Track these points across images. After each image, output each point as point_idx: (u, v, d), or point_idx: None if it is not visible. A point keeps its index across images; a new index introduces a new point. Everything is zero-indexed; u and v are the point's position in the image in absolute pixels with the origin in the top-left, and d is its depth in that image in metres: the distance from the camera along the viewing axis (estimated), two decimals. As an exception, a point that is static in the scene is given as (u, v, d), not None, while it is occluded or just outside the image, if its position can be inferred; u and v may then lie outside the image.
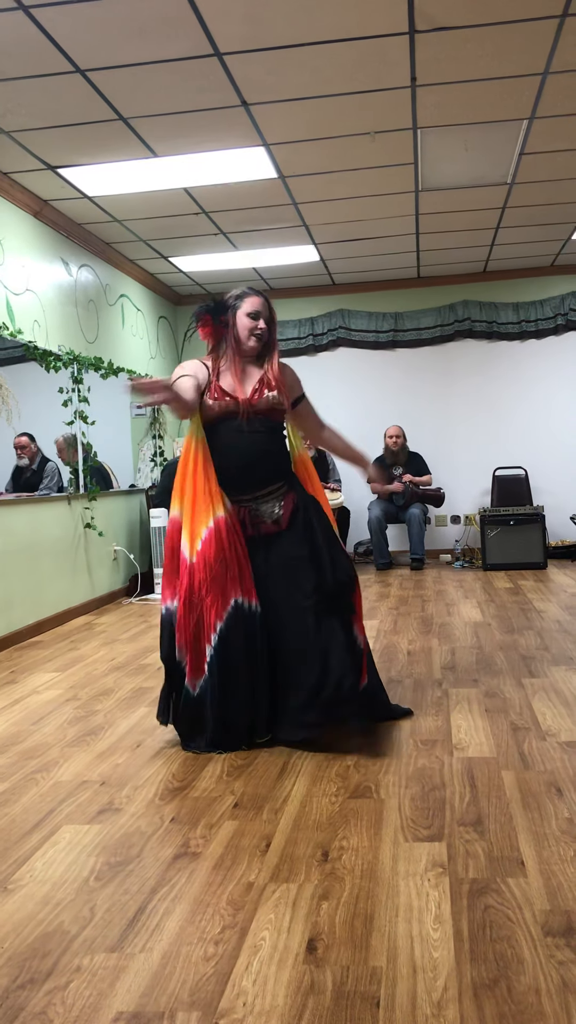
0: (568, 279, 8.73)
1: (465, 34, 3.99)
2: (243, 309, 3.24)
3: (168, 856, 2.23)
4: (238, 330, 3.24)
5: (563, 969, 1.65)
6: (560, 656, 4.25)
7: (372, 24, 3.87)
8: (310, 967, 1.70)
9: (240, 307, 3.24)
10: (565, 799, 2.46)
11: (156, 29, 3.83)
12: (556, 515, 8.59)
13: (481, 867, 2.07)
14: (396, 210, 6.56)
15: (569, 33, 4.01)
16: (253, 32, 3.89)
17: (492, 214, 6.77)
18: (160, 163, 5.34)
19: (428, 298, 8.93)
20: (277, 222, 6.71)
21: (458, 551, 8.55)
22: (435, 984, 1.62)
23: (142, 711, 3.61)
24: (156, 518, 7.15)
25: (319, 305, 9.05)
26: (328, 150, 5.29)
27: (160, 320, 8.64)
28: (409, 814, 2.41)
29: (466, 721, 3.25)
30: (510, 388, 8.86)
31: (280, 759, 2.92)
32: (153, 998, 1.62)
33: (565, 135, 5.23)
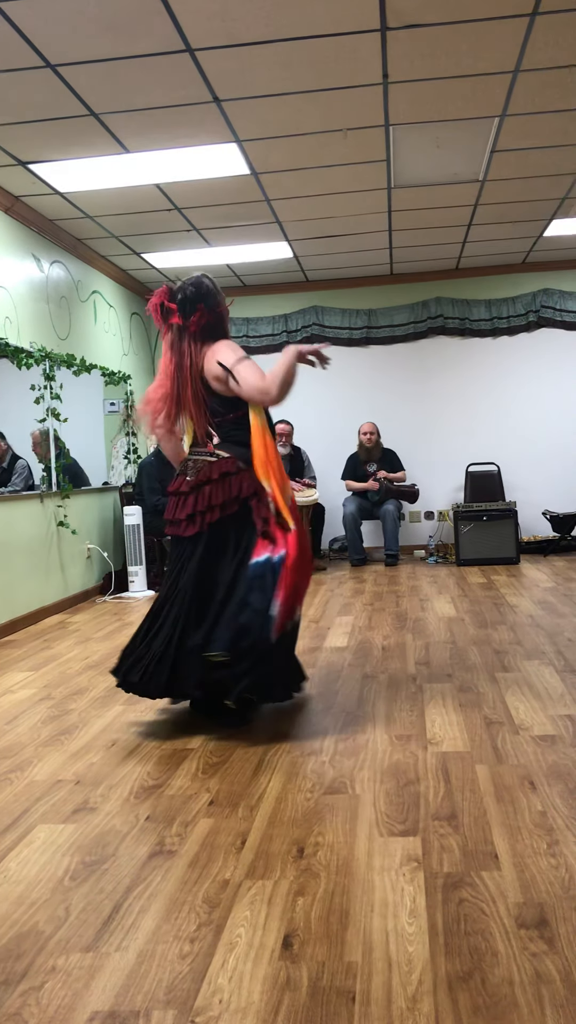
0: (540, 276, 8.79)
1: (436, 31, 4.00)
2: (222, 295, 3.43)
3: (143, 855, 2.22)
4: (227, 317, 3.40)
5: (536, 961, 1.66)
6: (533, 650, 4.28)
7: (344, 21, 3.87)
8: (286, 963, 1.70)
9: (220, 291, 3.42)
10: (538, 792, 2.48)
11: (127, 24, 3.81)
12: (528, 510, 8.65)
13: (455, 861, 2.08)
14: (369, 207, 6.57)
15: (539, 31, 4.03)
16: (225, 28, 3.88)
17: (464, 211, 6.80)
18: (132, 159, 5.32)
19: (401, 295, 8.96)
20: (250, 218, 6.70)
21: (432, 547, 8.59)
22: (410, 978, 1.63)
23: (116, 709, 3.60)
24: (130, 516, 7.12)
25: (293, 302, 9.05)
26: (301, 147, 5.29)
27: (133, 316, 8.61)
28: (384, 809, 2.42)
29: (440, 716, 3.27)
30: (483, 385, 8.91)
31: (255, 756, 2.93)
32: (129, 997, 1.62)
33: (536, 133, 5.26)
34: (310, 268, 8.43)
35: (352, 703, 3.52)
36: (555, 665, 3.96)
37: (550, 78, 4.52)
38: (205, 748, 3.04)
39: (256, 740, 3.10)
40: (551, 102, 4.81)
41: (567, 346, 8.79)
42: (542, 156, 5.66)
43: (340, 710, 3.42)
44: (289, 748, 2.99)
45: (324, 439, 8.87)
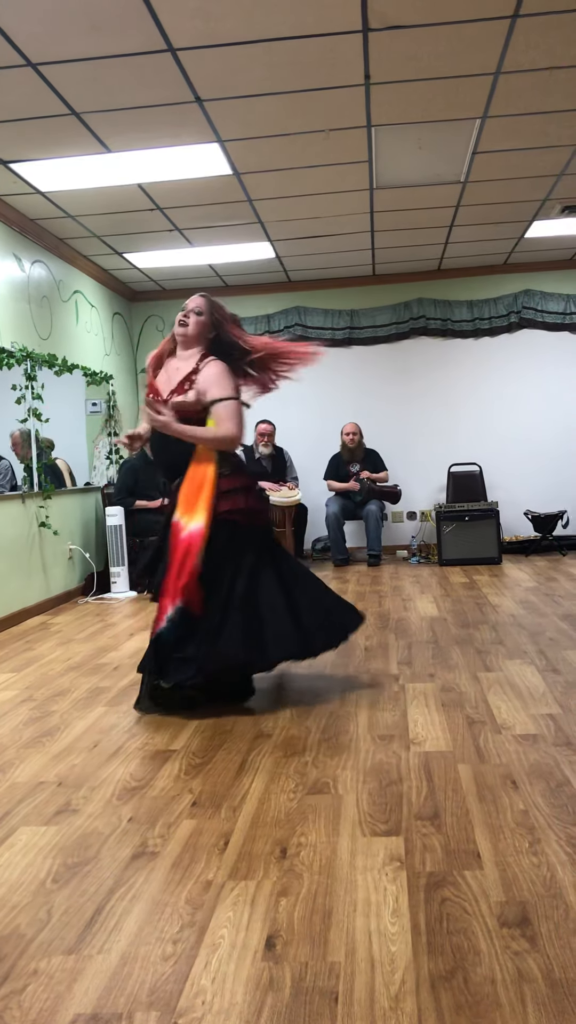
0: (521, 277, 8.83)
1: (418, 33, 4.01)
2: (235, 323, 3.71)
3: (126, 856, 2.22)
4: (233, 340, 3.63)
5: (518, 959, 1.67)
6: (515, 650, 4.30)
7: (326, 22, 3.87)
8: (269, 964, 1.70)
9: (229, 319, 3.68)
10: (520, 791, 2.49)
11: (109, 23, 3.79)
12: (510, 510, 8.69)
13: (438, 860, 2.09)
14: (351, 208, 6.58)
15: (520, 34, 4.05)
16: (207, 28, 3.87)
17: (446, 212, 6.83)
18: (114, 159, 5.30)
19: (383, 296, 8.98)
20: (232, 219, 6.70)
21: (414, 547, 8.61)
22: (393, 977, 1.63)
23: (99, 711, 3.59)
24: (112, 516, 7.10)
25: (275, 302, 9.05)
26: (283, 147, 5.29)
27: (115, 316, 8.58)
28: (367, 809, 2.43)
29: (423, 716, 3.28)
30: (464, 385, 8.95)
31: (238, 757, 2.92)
32: (111, 999, 1.62)
33: (517, 134, 5.28)
34: (292, 268, 8.43)
35: (335, 703, 3.52)
36: (537, 664, 3.98)
37: (531, 80, 4.54)
38: (188, 749, 3.04)
39: (239, 741, 3.10)
40: (532, 104, 4.84)
41: (548, 347, 8.83)
42: (523, 158, 5.69)
43: (323, 710, 3.43)
44: (272, 749, 2.99)
45: (307, 439, 8.87)
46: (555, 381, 8.83)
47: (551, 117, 5.04)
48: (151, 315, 9.16)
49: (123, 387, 8.71)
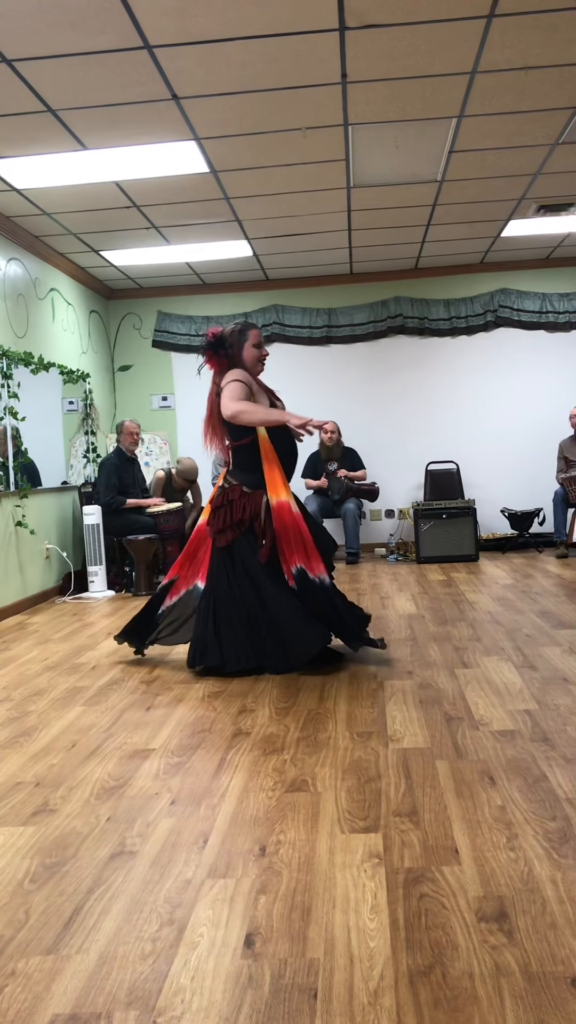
0: (497, 276, 8.87)
1: (394, 32, 4.02)
2: (250, 341, 4.13)
3: (104, 856, 2.21)
4: (247, 359, 4.12)
5: (496, 953, 1.68)
6: (492, 646, 4.32)
7: (302, 20, 3.87)
8: (248, 962, 1.70)
9: (247, 339, 4.12)
10: (498, 787, 2.51)
11: (85, 20, 3.78)
12: (487, 508, 8.74)
13: (416, 856, 2.10)
14: (328, 206, 6.58)
15: (496, 33, 4.07)
16: (183, 25, 3.86)
17: (423, 211, 6.85)
18: (90, 156, 5.27)
19: (361, 294, 9.00)
20: (209, 217, 6.69)
21: (392, 545, 8.64)
22: (371, 973, 1.64)
23: (77, 710, 3.58)
24: (89, 515, 7.07)
25: (253, 300, 9.04)
26: (260, 145, 5.29)
27: (91, 314, 8.55)
28: (345, 806, 2.43)
29: (401, 712, 3.29)
30: (442, 384, 8.98)
31: (217, 755, 2.92)
32: (90, 999, 1.61)
33: (493, 134, 5.31)
34: (270, 267, 8.43)
35: (313, 701, 3.53)
36: (514, 661, 4.00)
37: (507, 80, 4.57)
38: (166, 748, 3.03)
39: (217, 739, 3.09)
40: (508, 104, 4.86)
41: (524, 346, 8.89)
42: (499, 157, 5.72)
43: (302, 707, 3.43)
44: (250, 747, 2.99)
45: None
46: (531, 379, 8.89)
47: (527, 116, 5.07)
48: (128, 313, 9.13)
49: (100, 385, 8.67)
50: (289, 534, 3.98)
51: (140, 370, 9.17)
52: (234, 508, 4.05)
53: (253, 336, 4.15)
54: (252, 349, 4.14)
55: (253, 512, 4.01)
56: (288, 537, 3.98)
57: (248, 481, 4.08)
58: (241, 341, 4.13)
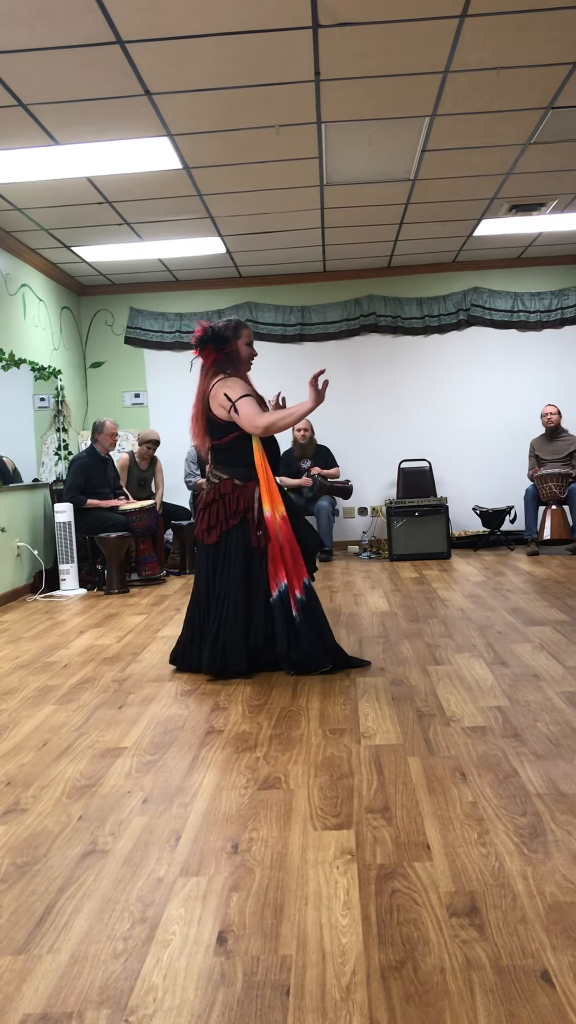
0: (469, 275, 8.92)
1: (367, 30, 4.03)
2: (243, 339, 4.07)
3: (76, 855, 2.20)
4: (242, 355, 4.07)
5: (467, 948, 1.69)
6: (464, 643, 4.35)
7: (275, 17, 3.87)
8: (220, 959, 1.70)
9: (241, 337, 4.06)
10: (469, 783, 2.52)
11: (56, 14, 3.75)
12: (459, 506, 8.79)
13: (388, 852, 2.11)
14: (301, 204, 6.59)
15: (468, 33, 4.09)
16: (156, 21, 3.85)
17: (396, 210, 6.87)
18: (62, 151, 5.24)
19: (334, 292, 9.01)
20: (182, 213, 6.66)
21: (365, 542, 8.66)
22: (344, 969, 1.65)
23: (48, 709, 3.55)
24: (61, 513, 7.03)
25: (226, 297, 9.03)
26: (233, 142, 5.28)
27: (63, 311, 8.49)
28: (318, 803, 2.44)
29: (373, 709, 3.30)
30: (414, 382, 9.02)
31: (189, 753, 2.92)
32: (61, 998, 1.60)
33: (465, 133, 5.33)
34: (243, 264, 8.42)
35: (286, 698, 3.53)
36: (485, 658, 4.03)
37: (479, 79, 4.59)
38: (139, 746, 3.02)
39: (190, 737, 3.09)
40: (480, 103, 4.89)
41: (496, 344, 8.94)
42: (471, 156, 5.75)
43: (275, 705, 3.43)
44: (223, 745, 2.99)
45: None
46: (503, 378, 8.95)
47: (499, 117, 5.10)
48: (100, 309, 9.08)
49: (72, 382, 8.62)
50: (284, 549, 3.93)
51: (112, 367, 9.12)
52: (227, 501, 3.98)
53: (246, 335, 4.12)
54: (246, 347, 4.11)
55: (247, 504, 3.95)
56: (276, 553, 3.93)
57: (239, 474, 4.02)
58: (236, 338, 4.07)
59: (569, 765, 2.62)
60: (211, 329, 4.05)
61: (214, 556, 4.02)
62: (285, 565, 3.92)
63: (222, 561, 3.98)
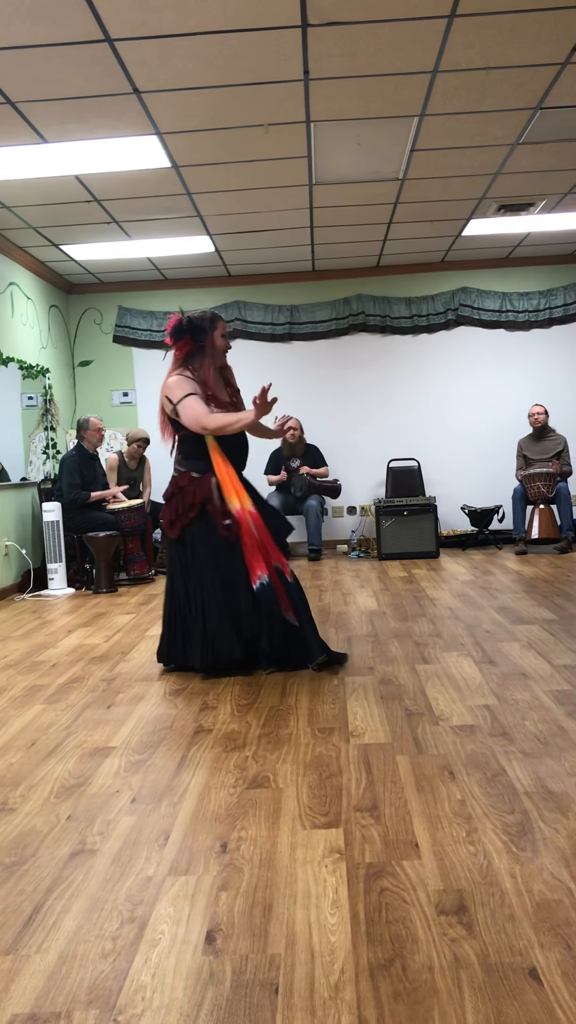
0: (458, 275, 8.94)
1: (356, 30, 4.03)
2: (218, 331, 4.03)
3: (64, 854, 2.19)
4: (216, 347, 4.02)
5: (455, 946, 1.69)
6: (452, 642, 4.36)
7: (264, 16, 3.87)
8: (209, 958, 1.70)
9: (216, 329, 4.02)
10: (457, 781, 2.53)
11: (44, 11, 3.74)
12: (447, 505, 8.81)
13: (377, 851, 2.11)
14: (290, 203, 6.58)
15: (457, 33, 4.10)
16: (144, 19, 3.84)
17: (385, 209, 6.87)
18: (50, 149, 5.22)
19: (323, 291, 9.01)
20: (171, 212, 6.65)
21: (354, 541, 8.67)
22: (332, 967, 1.65)
23: (36, 709, 3.54)
24: (49, 512, 7.01)
25: (215, 296, 9.02)
26: (222, 141, 5.27)
27: (51, 309, 8.46)
28: (307, 802, 2.44)
29: (362, 708, 3.31)
30: (403, 381, 9.03)
31: (178, 753, 2.91)
32: (49, 998, 1.60)
33: (454, 133, 5.34)
34: (232, 263, 8.41)
35: (275, 697, 3.53)
36: (473, 656, 4.04)
37: (468, 80, 4.60)
38: (127, 746, 3.02)
39: (179, 736, 3.09)
40: (469, 103, 4.90)
41: (484, 344, 8.97)
42: (460, 156, 5.76)
43: (263, 704, 3.43)
44: (212, 744, 2.98)
45: (247, 434, 8.85)
46: (491, 378, 8.97)
47: (487, 117, 5.11)
48: (88, 308, 9.06)
49: (60, 381, 8.60)
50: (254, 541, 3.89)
51: (101, 365, 9.10)
52: (185, 494, 3.95)
53: (222, 327, 4.08)
54: (221, 340, 4.06)
55: (204, 496, 3.91)
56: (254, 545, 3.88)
57: (196, 467, 3.99)
58: (212, 329, 4.03)
59: (557, 763, 2.63)
60: (187, 319, 4.00)
61: (181, 551, 3.99)
62: (266, 558, 3.88)
63: (191, 555, 3.95)
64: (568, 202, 6.92)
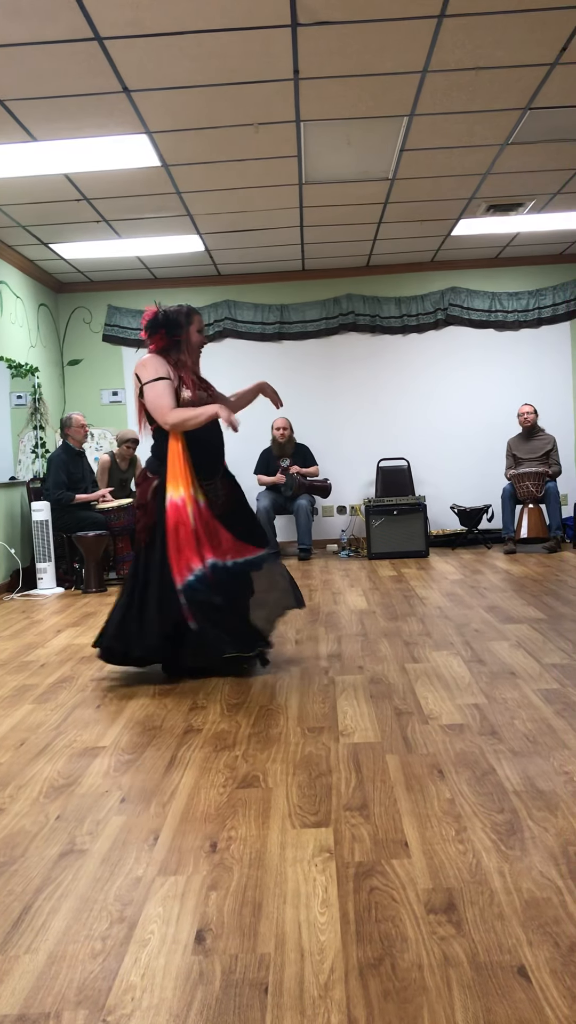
0: (447, 274, 8.95)
1: (346, 29, 4.03)
2: (195, 326, 3.94)
3: (54, 855, 2.19)
4: (192, 342, 3.93)
5: (444, 944, 1.70)
6: (441, 641, 4.37)
7: (254, 15, 3.87)
8: (199, 958, 1.70)
9: (192, 323, 3.92)
10: (447, 780, 2.54)
11: (34, 9, 3.72)
12: (437, 504, 8.82)
13: (366, 850, 2.11)
14: (281, 202, 6.58)
15: (447, 33, 4.10)
16: (134, 17, 3.83)
17: (374, 209, 6.88)
18: (39, 147, 5.21)
19: (313, 291, 9.01)
20: (161, 211, 6.64)
21: (344, 541, 8.68)
22: (322, 967, 1.65)
23: (26, 708, 3.54)
24: (38, 511, 6.99)
25: (205, 296, 9.01)
26: (212, 140, 5.27)
27: (41, 308, 8.44)
28: (296, 801, 2.44)
29: (352, 707, 3.31)
30: (393, 381, 9.04)
31: (168, 752, 2.91)
32: (38, 999, 1.60)
33: (444, 133, 5.35)
34: (222, 262, 8.40)
35: (265, 697, 3.53)
36: (463, 655, 4.05)
37: (457, 79, 4.61)
38: (117, 746, 3.01)
39: (168, 736, 3.08)
40: (458, 103, 4.91)
41: (473, 344, 8.98)
42: (450, 156, 5.77)
43: (253, 704, 3.43)
44: (202, 743, 2.98)
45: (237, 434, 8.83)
46: (480, 377, 8.99)
47: (477, 117, 5.12)
48: (78, 307, 9.04)
49: (49, 379, 8.58)
50: (180, 533, 3.71)
51: (90, 364, 9.08)
52: (138, 494, 3.94)
53: (198, 321, 3.97)
54: (197, 335, 3.96)
55: (149, 495, 3.85)
56: (178, 536, 3.71)
57: (151, 466, 3.94)
58: (188, 324, 3.92)
59: (546, 762, 2.63)
60: (163, 313, 3.89)
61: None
62: (199, 549, 3.72)
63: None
64: (557, 202, 6.95)
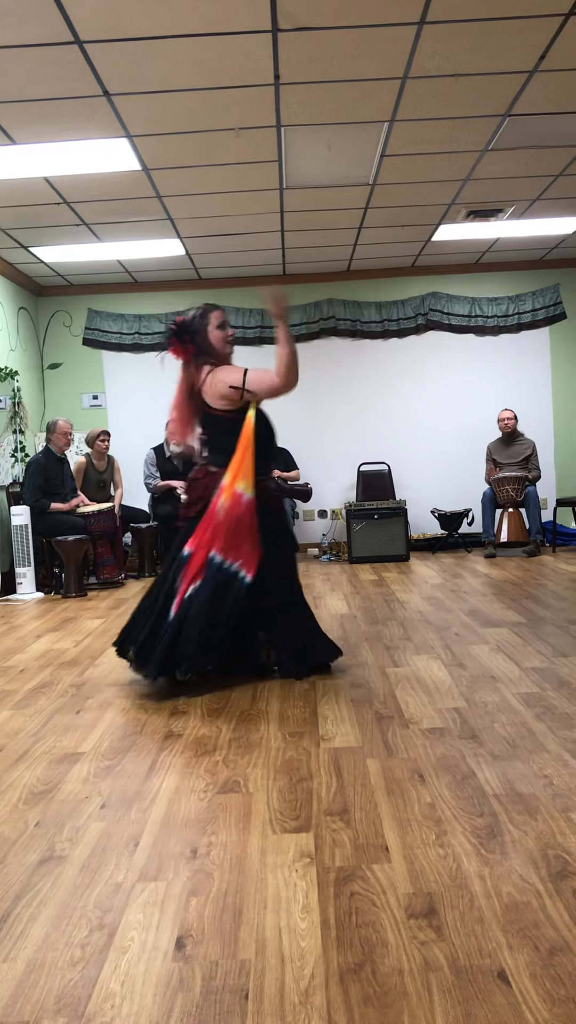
0: (428, 280, 8.99)
1: (327, 35, 4.04)
2: (212, 324, 3.86)
3: (33, 861, 2.17)
4: (214, 343, 3.88)
5: (425, 949, 1.70)
6: (422, 645, 4.38)
7: (235, 20, 3.87)
8: (179, 964, 1.69)
9: (209, 323, 3.86)
10: (427, 784, 2.54)
11: (12, 12, 3.71)
12: (417, 508, 8.85)
13: (347, 855, 2.11)
14: (261, 207, 6.59)
15: (427, 40, 4.13)
16: (114, 21, 3.83)
17: (355, 214, 6.90)
18: (19, 150, 5.19)
19: (294, 295, 9.01)
20: (141, 214, 6.63)
21: (325, 545, 8.68)
22: (303, 972, 1.65)
23: (4, 714, 3.51)
24: (18, 516, 6.95)
25: (185, 299, 8.99)
26: (193, 144, 5.27)
27: (20, 311, 8.40)
28: (277, 806, 2.44)
29: (332, 712, 3.31)
30: (374, 385, 9.07)
31: (148, 758, 2.90)
32: (17, 1008, 1.58)
33: (424, 139, 5.37)
34: (203, 266, 8.40)
35: (246, 701, 3.52)
36: (443, 659, 4.06)
37: (437, 86, 4.63)
38: (97, 751, 3.00)
39: (149, 742, 3.07)
40: (438, 109, 4.93)
41: (454, 348, 9.02)
42: (430, 162, 5.79)
43: (234, 708, 3.43)
44: (182, 749, 2.97)
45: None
46: (460, 382, 9.03)
47: (456, 123, 5.14)
48: (58, 310, 9.00)
49: (29, 383, 8.53)
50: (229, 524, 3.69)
51: (70, 368, 9.05)
52: (197, 487, 3.86)
53: (215, 318, 3.90)
54: (217, 331, 3.90)
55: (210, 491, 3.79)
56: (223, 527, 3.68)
57: (215, 461, 3.88)
58: (204, 326, 3.87)
59: (525, 766, 2.64)
60: (177, 325, 3.87)
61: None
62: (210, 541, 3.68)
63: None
64: (536, 208, 6.99)
